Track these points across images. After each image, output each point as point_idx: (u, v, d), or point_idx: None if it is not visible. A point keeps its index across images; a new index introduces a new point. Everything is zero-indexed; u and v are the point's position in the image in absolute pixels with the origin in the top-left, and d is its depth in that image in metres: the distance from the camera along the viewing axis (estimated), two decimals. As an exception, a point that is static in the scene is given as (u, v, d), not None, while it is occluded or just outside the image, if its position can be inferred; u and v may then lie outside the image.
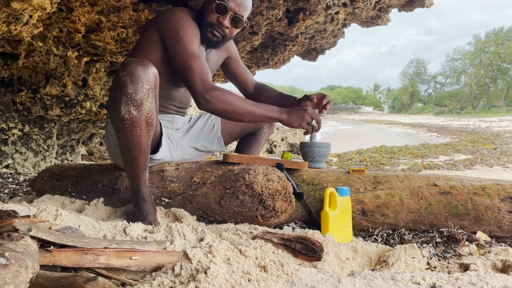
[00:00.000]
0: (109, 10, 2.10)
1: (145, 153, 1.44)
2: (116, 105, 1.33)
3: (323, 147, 1.73)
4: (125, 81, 1.30)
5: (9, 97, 2.60)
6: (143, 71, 1.32)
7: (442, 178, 1.64)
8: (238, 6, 1.62)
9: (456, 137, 12.24)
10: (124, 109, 1.32)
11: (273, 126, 2.09)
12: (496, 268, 1.20)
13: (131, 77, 1.30)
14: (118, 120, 1.35)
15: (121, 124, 1.35)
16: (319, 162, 1.76)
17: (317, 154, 1.74)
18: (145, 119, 1.36)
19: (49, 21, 2.06)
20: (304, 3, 2.52)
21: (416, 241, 1.44)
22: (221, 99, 1.48)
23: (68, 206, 1.63)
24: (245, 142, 2.05)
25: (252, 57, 3.37)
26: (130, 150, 1.41)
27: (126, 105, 1.32)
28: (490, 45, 51.09)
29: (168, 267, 0.94)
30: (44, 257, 0.84)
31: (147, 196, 1.47)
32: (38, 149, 3.09)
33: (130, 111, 1.33)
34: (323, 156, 1.75)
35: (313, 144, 1.72)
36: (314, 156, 1.74)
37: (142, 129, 1.37)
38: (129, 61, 1.33)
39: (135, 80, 1.31)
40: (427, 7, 3.12)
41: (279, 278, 0.95)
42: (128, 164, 1.45)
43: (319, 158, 1.74)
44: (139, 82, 1.31)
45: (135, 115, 1.33)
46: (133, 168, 1.45)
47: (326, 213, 1.45)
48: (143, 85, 1.32)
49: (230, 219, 1.54)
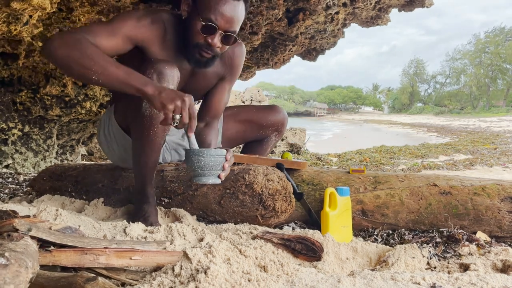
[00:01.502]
0: (109, 10, 2.10)
1: (157, 153, 1.44)
2: (138, 102, 1.34)
3: (205, 155, 1.19)
4: (152, 78, 1.30)
5: (9, 97, 2.60)
6: (170, 70, 1.33)
7: (442, 178, 1.64)
8: (228, 23, 1.37)
9: (456, 137, 12.25)
10: (145, 106, 1.34)
11: (281, 134, 1.91)
12: (496, 268, 1.20)
13: (159, 76, 1.31)
14: (138, 117, 1.36)
15: (140, 121, 1.36)
16: (202, 176, 1.21)
17: (197, 165, 1.19)
18: None
19: (49, 21, 2.05)
20: (304, 3, 2.52)
21: (416, 241, 1.44)
22: (68, 42, 1.19)
23: (68, 206, 1.63)
24: (249, 148, 1.95)
25: (252, 57, 3.37)
26: (144, 148, 1.41)
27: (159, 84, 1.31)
28: (490, 45, 51.10)
29: (168, 267, 0.94)
30: (44, 257, 0.84)
31: (151, 197, 1.47)
32: (38, 149, 3.09)
33: (151, 109, 1.33)
34: (206, 168, 1.19)
35: (192, 152, 1.20)
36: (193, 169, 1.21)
37: (159, 127, 1.38)
38: (155, 60, 1.34)
39: (162, 79, 1.31)
40: (427, 7, 3.13)
41: (279, 278, 0.95)
42: (138, 163, 1.46)
43: (201, 171, 1.20)
44: (165, 81, 1.31)
45: (156, 113, 1.34)
46: (142, 167, 1.45)
47: (326, 213, 1.45)
48: (168, 84, 1.32)
49: (230, 219, 1.54)
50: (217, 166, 1.21)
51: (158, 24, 1.44)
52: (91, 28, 1.32)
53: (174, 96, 1.13)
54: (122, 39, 1.37)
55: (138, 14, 1.42)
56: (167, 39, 1.46)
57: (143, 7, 2.18)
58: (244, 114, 1.88)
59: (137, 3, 2.15)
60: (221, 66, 1.62)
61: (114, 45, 1.35)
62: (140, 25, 1.40)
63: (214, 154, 1.19)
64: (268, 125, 1.86)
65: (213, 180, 1.22)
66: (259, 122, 1.86)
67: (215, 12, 1.35)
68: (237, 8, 1.37)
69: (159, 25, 1.44)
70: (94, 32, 1.30)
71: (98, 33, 1.31)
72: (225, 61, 1.62)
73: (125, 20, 1.38)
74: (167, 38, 1.46)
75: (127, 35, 1.38)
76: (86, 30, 1.31)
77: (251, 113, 1.88)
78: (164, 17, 1.46)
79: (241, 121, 1.88)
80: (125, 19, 1.39)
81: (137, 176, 1.49)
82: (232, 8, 1.36)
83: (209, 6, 1.35)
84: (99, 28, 1.33)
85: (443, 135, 14.57)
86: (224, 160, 1.22)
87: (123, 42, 1.38)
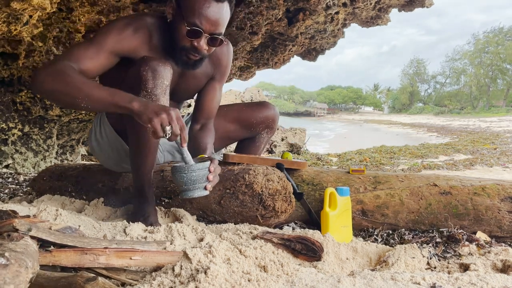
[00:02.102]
0: (109, 10, 2.10)
1: (154, 152, 1.44)
2: None
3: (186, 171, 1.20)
4: (146, 75, 1.30)
5: (9, 97, 2.60)
6: (163, 67, 1.33)
7: (442, 178, 1.64)
8: (213, 25, 1.36)
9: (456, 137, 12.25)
10: None
11: (273, 130, 1.90)
12: (496, 268, 1.20)
13: (153, 73, 1.31)
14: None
15: (136, 121, 1.35)
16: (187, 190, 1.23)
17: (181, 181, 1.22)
18: None
19: (49, 21, 2.05)
20: (304, 3, 2.52)
21: (416, 241, 1.44)
22: (51, 75, 1.22)
23: (68, 206, 1.63)
24: (242, 147, 1.93)
25: (252, 57, 3.37)
26: (140, 148, 1.41)
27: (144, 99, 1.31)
28: (490, 45, 51.12)
29: (168, 267, 0.94)
30: (44, 257, 0.84)
31: (149, 196, 1.47)
32: (38, 149, 3.09)
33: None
34: (190, 183, 1.21)
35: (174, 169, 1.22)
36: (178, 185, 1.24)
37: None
38: (149, 58, 1.34)
39: (156, 76, 1.31)
40: (427, 7, 3.13)
41: (279, 278, 0.95)
42: (135, 163, 1.45)
43: (185, 186, 1.22)
44: (160, 78, 1.31)
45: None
46: (140, 167, 1.45)
47: (326, 213, 1.45)
48: (163, 81, 1.32)
49: (230, 219, 1.54)
50: (201, 180, 1.22)
51: (142, 31, 1.43)
52: (73, 52, 1.32)
53: (159, 109, 1.14)
54: (107, 56, 1.37)
55: (119, 26, 1.40)
56: (154, 43, 1.45)
57: (143, 7, 2.19)
58: (233, 113, 1.85)
59: (137, 3, 2.15)
60: (210, 66, 1.63)
61: (100, 65, 1.36)
62: (122, 37, 1.39)
63: (195, 169, 1.21)
64: (258, 122, 1.83)
65: (198, 193, 1.23)
66: (249, 120, 1.83)
67: (200, 16, 1.34)
68: (221, 10, 1.36)
69: (143, 31, 1.43)
70: (76, 56, 1.31)
71: (81, 56, 1.31)
72: (213, 61, 1.62)
73: (106, 36, 1.37)
74: (154, 42, 1.45)
75: (110, 51, 1.37)
76: (69, 55, 1.31)
77: (240, 112, 1.85)
78: (148, 21, 1.45)
79: (231, 120, 1.84)
80: (107, 34, 1.37)
81: (135, 176, 1.48)
82: (216, 11, 1.35)
83: (193, 10, 1.34)
84: (82, 51, 1.33)
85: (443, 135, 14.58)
86: (207, 172, 1.23)
87: (108, 59, 1.38)
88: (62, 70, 1.23)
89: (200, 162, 1.24)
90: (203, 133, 1.63)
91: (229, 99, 9.38)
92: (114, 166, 1.68)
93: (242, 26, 2.61)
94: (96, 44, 1.35)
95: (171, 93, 1.58)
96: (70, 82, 1.21)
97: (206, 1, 1.33)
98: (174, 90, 1.58)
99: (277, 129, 2.39)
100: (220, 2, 1.35)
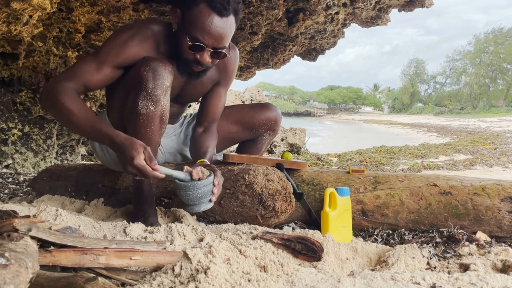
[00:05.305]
0: (109, 10, 2.10)
1: (155, 151, 1.44)
2: (133, 100, 1.33)
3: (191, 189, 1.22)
4: (147, 76, 1.30)
5: (9, 97, 2.60)
6: (164, 68, 1.33)
7: (442, 178, 1.64)
8: (216, 40, 1.34)
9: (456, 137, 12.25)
10: (141, 104, 1.33)
11: (275, 132, 1.88)
12: (496, 268, 1.20)
13: (154, 73, 1.31)
14: (133, 115, 1.35)
15: (136, 119, 1.35)
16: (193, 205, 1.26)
17: (187, 198, 1.24)
18: (159, 116, 1.36)
19: (49, 21, 2.06)
20: (304, 3, 2.53)
21: (416, 241, 1.44)
22: (49, 98, 1.28)
23: (68, 206, 1.63)
24: (244, 148, 1.94)
25: (252, 57, 3.37)
26: None
27: (144, 99, 1.32)
28: (490, 45, 51.12)
29: (168, 267, 0.94)
30: (44, 257, 0.84)
31: (149, 197, 1.47)
32: (38, 149, 3.09)
33: (147, 106, 1.32)
34: (196, 199, 1.24)
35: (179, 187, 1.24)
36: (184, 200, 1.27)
37: (155, 125, 1.37)
38: (150, 58, 1.34)
39: (156, 76, 1.31)
40: (427, 7, 3.13)
41: (279, 278, 0.95)
42: None
43: (191, 202, 1.25)
44: (160, 78, 1.31)
45: (152, 111, 1.33)
46: None
47: (326, 213, 1.45)
48: (163, 81, 1.32)
49: (230, 219, 1.54)
50: (206, 194, 1.24)
51: (148, 40, 1.42)
52: (76, 70, 1.34)
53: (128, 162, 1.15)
54: (111, 70, 1.38)
55: (124, 38, 1.38)
56: (161, 51, 1.45)
57: (143, 7, 2.19)
58: (236, 114, 1.85)
59: (137, 3, 2.15)
60: (216, 71, 1.62)
61: (103, 78, 1.38)
62: (128, 50, 1.38)
63: (201, 186, 1.22)
64: (260, 124, 1.83)
65: (204, 207, 1.26)
66: (251, 121, 1.83)
67: (202, 31, 1.32)
68: (225, 25, 1.33)
69: (149, 40, 1.42)
70: (80, 73, 1.33)
71: (84, 72, 1.34)
72: (220, 67, 1.61)
73: (111, 48, 1.37)
74: (161, 50, 1.45)
75: (114, 65, 1.38)
76: (71, 74, 1.33)
77: (243, 113, 1.85)
78: (155, 29, 1.44)
79: (233, 122, 1.84)
80: (111, 47, 1.37)
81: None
82: (220, 25, 1.32)
83: (195, 24, 1.32)
84: (86, 66, 1.34)
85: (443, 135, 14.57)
86: (212, 186, 1.25)
87: (112, 73, 1.39)
88: (56, 97, 1.27)
89: (204, 177, 1.24)
90: (205, 136, 1.64)
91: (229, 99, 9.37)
92: (114, 165, 1.68)
93: (242, 26, 2.61)
94: (101, 58, 1.36)
95: (177, 97, 1.60)
96: (61, 110, 1.27)
97: (210, 15, 1.30)
98: (179, 94, 1.59)
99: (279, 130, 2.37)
100: (224, 16, 1.32)
